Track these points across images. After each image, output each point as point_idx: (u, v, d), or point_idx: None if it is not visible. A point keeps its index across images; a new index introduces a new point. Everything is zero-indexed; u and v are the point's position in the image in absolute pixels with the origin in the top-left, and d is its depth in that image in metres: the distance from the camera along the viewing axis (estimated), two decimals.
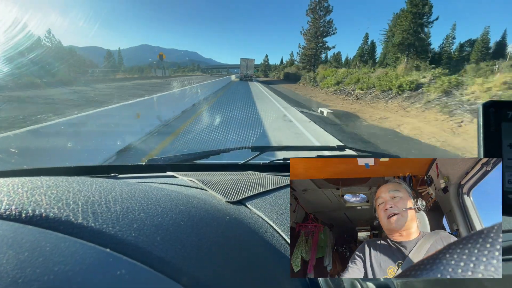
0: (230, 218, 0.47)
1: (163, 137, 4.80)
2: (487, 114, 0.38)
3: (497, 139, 0.38)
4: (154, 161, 1.00)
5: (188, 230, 0.36)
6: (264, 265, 0.41)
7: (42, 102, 8.84)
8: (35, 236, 0.27)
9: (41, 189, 0.37)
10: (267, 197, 0.68)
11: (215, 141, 4.52)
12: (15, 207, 0.31)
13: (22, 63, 13.39)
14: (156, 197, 0.42)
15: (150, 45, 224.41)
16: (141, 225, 0.34)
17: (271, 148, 1.21)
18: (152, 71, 53.17)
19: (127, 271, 0.26)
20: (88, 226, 0.31)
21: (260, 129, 5.78)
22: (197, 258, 0.32)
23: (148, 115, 5.35)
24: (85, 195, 0.37)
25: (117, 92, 13.71)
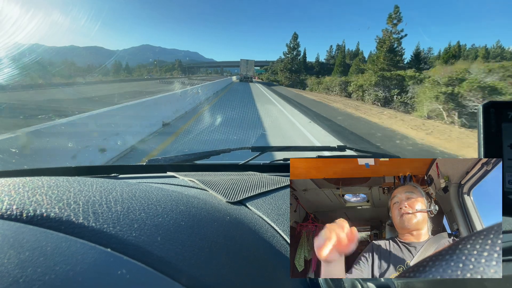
0: (231, 218, 0.47)
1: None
2: (487, 115, 0.38)
3: (497, 139, 0.38)
4: (155, 161, 1.00)
5: (188, 231, 0.36)
6: (264, 265, 0.41)
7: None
8: (36, 236, 0.27)
9: (42, 189, 0.37)
10: (268, 197, 0.68)
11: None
12: (16, 207, 0.32)
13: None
14: (156, 197, 0.43)
15: (152, 45, 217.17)
16: (142, 225, 0.34)
17: (271, 149, 1.21)
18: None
19: (127, 271, 0.26)
20: (89, 226, 0.31)
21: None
22: (198, 258, 0.32)
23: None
24: (86, 195, 0.37)
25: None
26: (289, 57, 41.63)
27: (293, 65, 40.64)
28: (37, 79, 16.99)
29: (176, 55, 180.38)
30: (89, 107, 6.83)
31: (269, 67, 66.59)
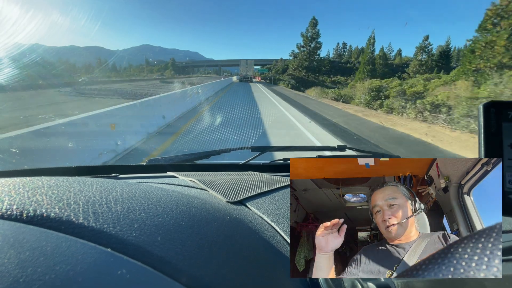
0: (231, 218, 0.47)
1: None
2: (487, 114, 0.38)
3: (497, 139, 0.38)
4: (155, 161, 1.00)
5: (188, 230, 0.36)
6: (264, 265, 0.41)
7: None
8: (36, 236, 0.27)
9: (42, 189, 0.37)
10: (268, 197, 0.68)
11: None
12: (16, 207, 0.32)
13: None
14: (156, 197, 0.43)
15: (152, 45, 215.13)
16: (142, 225, 0.34)
17: (271, 149, 1.21)
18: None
19: (128, 271, 0.26)
20: (89, 226, 0.31)
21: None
22: (198, 258, 0.32)
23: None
24: (86, 195, 0.37)
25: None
26: (304, 51, 30.46)
27: (311, 61, 29.60)
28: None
29: (176, 55, 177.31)
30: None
31: (272, 66, 59.37)
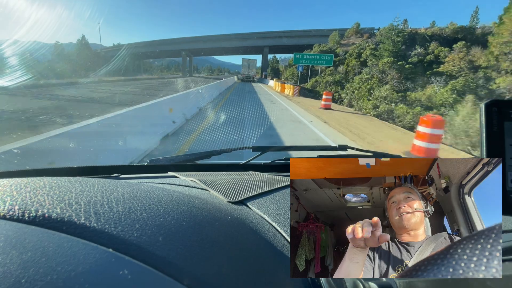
0: (232, 218, 0.48)
1: None
2: (489, 113, 0.38)
3: (499, 138, 0.38)
4: (156, 161, 1.00)
5: (190, 230, 0.37)
6: (265, 265, 0.41)
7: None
8: (38, 236, 0.27)
9: (44, 189, 0.37)
10: (269, 197, 0.68)
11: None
12: (18, 207, 0.32)
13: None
14: (158, 198, 0.43)
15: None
16: (143, 225, 0.34)
17: (272, 148, 1.21)
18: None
19: (129, 271, 0.26)
20: (90, 226, 0.31)
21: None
22: (199, 258, 0.32)
23: None
24: (88, 196, 0.37)
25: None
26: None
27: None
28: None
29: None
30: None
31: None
